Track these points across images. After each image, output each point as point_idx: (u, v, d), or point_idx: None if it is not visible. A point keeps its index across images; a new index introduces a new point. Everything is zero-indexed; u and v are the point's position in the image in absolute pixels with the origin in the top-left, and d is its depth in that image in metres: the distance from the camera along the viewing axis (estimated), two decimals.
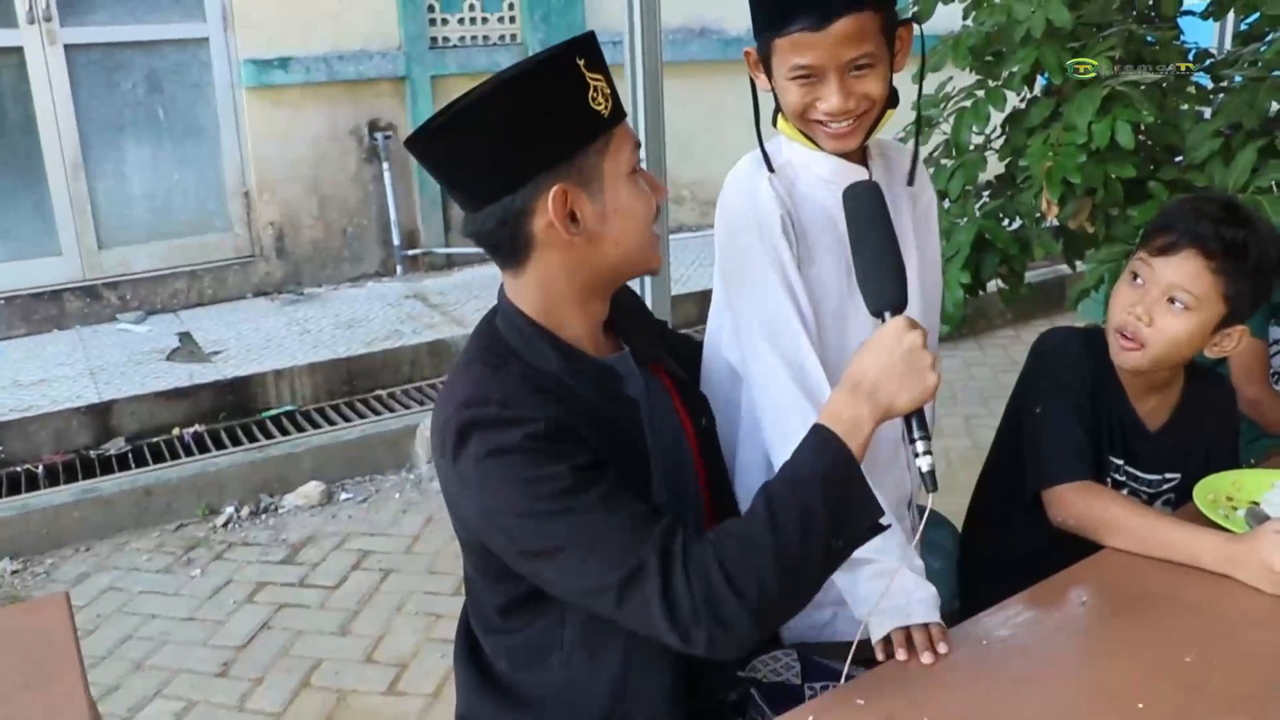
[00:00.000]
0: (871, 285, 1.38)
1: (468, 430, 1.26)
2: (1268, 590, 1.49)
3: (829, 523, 1.23)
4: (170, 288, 5.76)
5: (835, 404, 1.31)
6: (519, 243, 1.32)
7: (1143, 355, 1.73)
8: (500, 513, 1.27)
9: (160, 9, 5.63)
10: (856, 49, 1.49)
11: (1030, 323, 5.87)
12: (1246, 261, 1.66)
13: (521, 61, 1.26)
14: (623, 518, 1.23)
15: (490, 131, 1.25)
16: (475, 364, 1.36)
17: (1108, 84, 2.79)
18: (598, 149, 1.31)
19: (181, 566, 3.72)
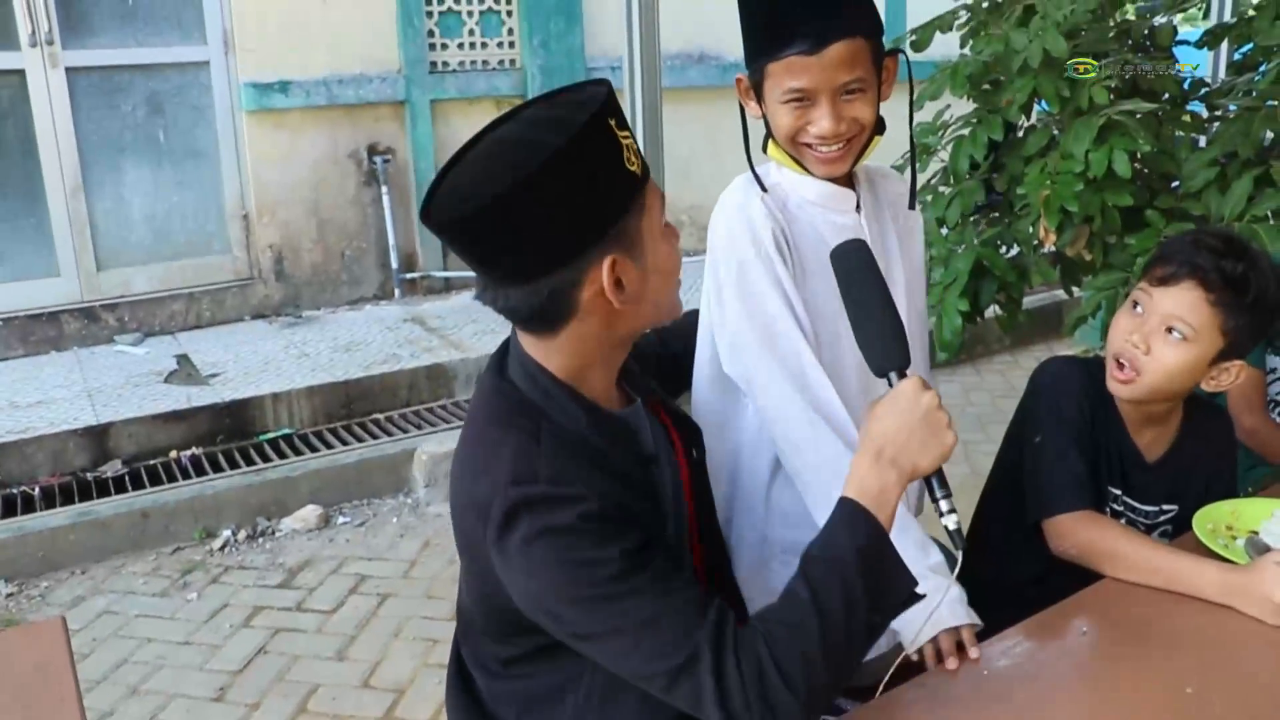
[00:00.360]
0: (872, 347, 1.39)
1: (517, 510, 1.22)
2: (1269, 621, 1.49)
3: (869, 600, 1.24)
4: (168, 309, 5.76)
5: (860, 474, 1.30)
6: (561, 313, 1.28)
7: (1138, 385, 1.74)
8: (548, 597, 1.23)
9: (161, 32, 5.66)
10: (849, 73, 1.54)
11: (1028, 349, 5.89)
12: (1246, 296, 1.67)
13: (552, 134, 1.19)
14: (675, 603, 1.21)
15: (538, 210, 1.19)
16: (511, 433, 1.28)
17: (1104, 113, 2.81)
18: (635, 211, 1.27)
19: (178, 590, 3.70)
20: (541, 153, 1.17)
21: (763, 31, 1.57)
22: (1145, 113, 2.87)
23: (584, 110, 1.20)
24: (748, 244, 1.62)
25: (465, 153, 1.26)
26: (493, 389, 1.37)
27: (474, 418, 1.38)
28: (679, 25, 6.13)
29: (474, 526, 1.27)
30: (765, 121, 1.66)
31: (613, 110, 1.23)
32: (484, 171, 1.21)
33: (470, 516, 1.28)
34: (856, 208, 1.71)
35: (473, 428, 1.36)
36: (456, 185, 1.23)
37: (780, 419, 1.63)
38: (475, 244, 1.25)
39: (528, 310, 1.27)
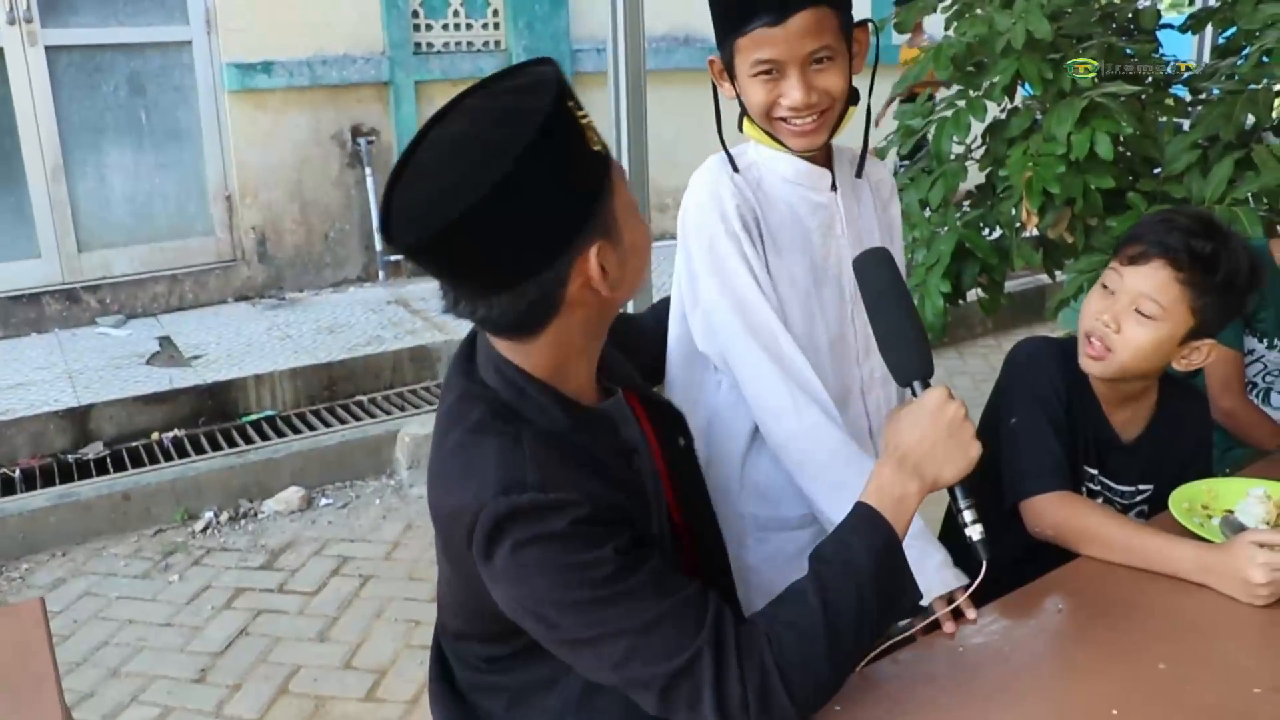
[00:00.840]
0: (896, 356, 1.39)
1: (504, 521, 1.16)
2: (1242, 599, 1.50)
3: (878, 608, 1.23)
4: (150, 291, 5.73)
5: (881, 480, 1.29)
6: (546, 313, 1.21)
7: (1109, 363, 1.74)
8: (541, 604, 1.19)
9: (143, 12, 5.62)
10: (815, 41, 1.54)
11: (1010, 332, 5.90)
12: (1215, 275, 1.67)
13: (514, 128, 1.11)
14: (673, 603, 1.17)
15: (518, 211, 1.11)
16: (491, 438, 1.22)
17: (1087, 95, 2.81)
18: (608, 192, 1.20)
19: (159, 572, 3.69)
20: (511, 148, 1.09)
21: (730, 7, 1.58)
22: (1128, 95, 2.87)
23: (541, 95, 1.13)
24: (716, 220, 1.62)
25: (408, 161, 1.17)
26: (464, 392, 1.29)
27: (447, 424, 1.29)
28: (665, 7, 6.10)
29: (459, 536, 1.21)
30: (740, 100, 1.66)
31: (568, 91, 1.16)
32: (447, 178, 1.13)
33: (454, 526, 1.22)
34: (832, 186, 1.71)
35: (448, 435, 1.28)
36: (416, 200, 1.14)
37: (759, 389, 1.63)
38: (455, 258, 1.16)
39: (510, 317, 1.20)
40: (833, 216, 1.72)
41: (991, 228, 3.20)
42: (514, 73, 1.20)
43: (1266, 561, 1.47)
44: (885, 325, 1.40)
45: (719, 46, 1.63)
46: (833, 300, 1.73)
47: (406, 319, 5.52)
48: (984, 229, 3.17)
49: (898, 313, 1.39)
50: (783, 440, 1.63)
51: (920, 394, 1.35)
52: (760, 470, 1.72)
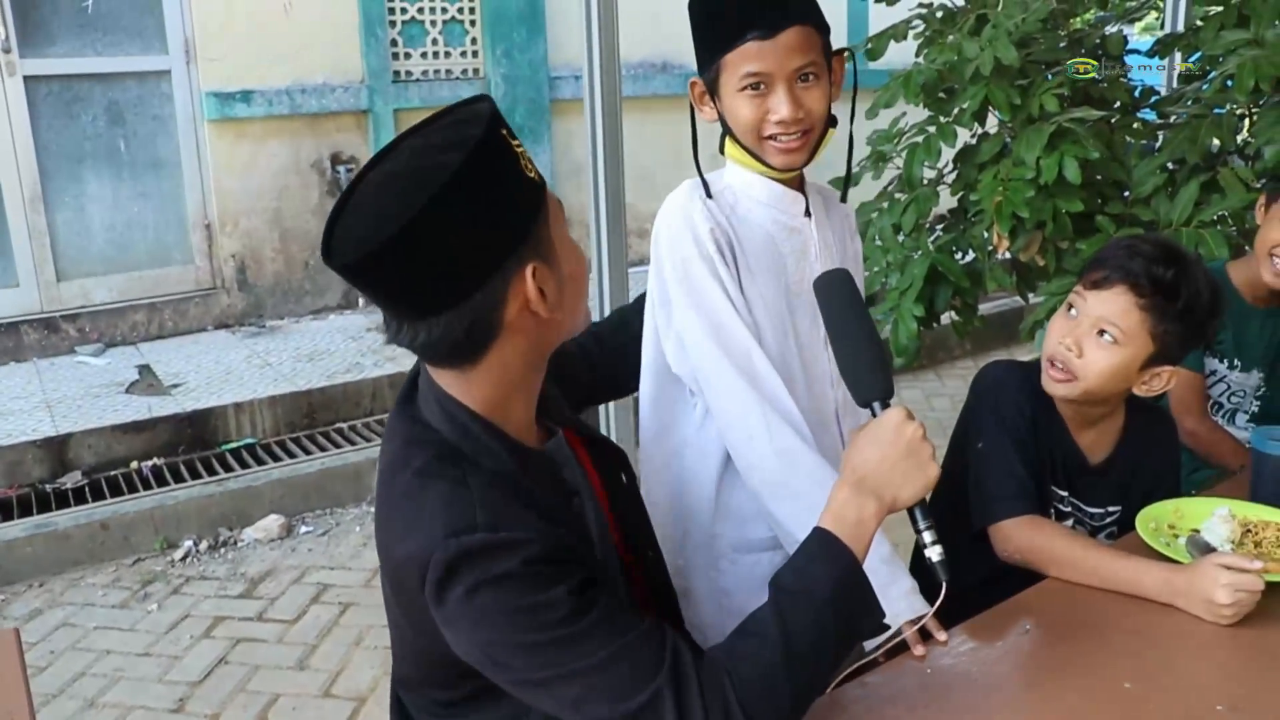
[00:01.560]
0: (856, 377, 1.39)
1: (458, 564, 1.15)
2: (1207, 619, 1.52)
3: (839, 634, 1.23)
4: (130, 320, 5.72)
5: (838, 503, 1.29)
6: (484, 338, 1.22)
7: (1071, 387, 1.77)
8: (496, 645, 1.17)
9: (121, 42, 5.63)
10: (803, 58, 1.58)
11: (988, 353, 5.94)
12: (1176, 302, 1.70)
13: (446, 155, 1.14)
14: (630, 641, 1.17)
15: (450, 231, 1.14)
16: (436, 482, 1.21)
17: (1055, 121, 2.86)
18: (543, 217, 1.23)
19: (138, 601, 3.68)
20: (442, 173, 1.12)
21: (719, 24, 1.61)
22: (1095, 120, 2.92)
23: (473, 126, 1.16)
24: (690, 244, 1.64)
25: (352, 193, 1.20)
26: (407, 435, 1.29)
27: (392, 471, 1.28)
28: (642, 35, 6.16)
29: (411, 583, 1.20)
30: (722, 121, 1.68)
31: (502, 121, 1.19)
32: (382, 205, 1.15)
33: (405, 573, 1.21)
34: (806, 212, 1.73)
35: (394, 481, 1.27)
36: (355, 223, 1.17)
37: (732, 412, 1.64)
38: (388, 279, 1.18)
39: (449, 341, 1.20)
40: (807, 241, 1.74)
41: (964, 251, 3.24)
42: (450, 110, 1.23)
43: (1230, 583, 1.49)
44: (845, 346, 1.41)
45: (702, 68, 1.66)
46: (806, 325, 1.74)
47: (385, 346, 5.52)
48: (956, 252, 3.21)
49: (857, 334, 1.40)
50: (755, 462, 1.63)
51: (879, 414, 1.35)
52: (734, 492, 1.73)
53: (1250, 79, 2.65)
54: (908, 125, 3.28)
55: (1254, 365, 2.48)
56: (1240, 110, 3.05)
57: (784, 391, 1.64)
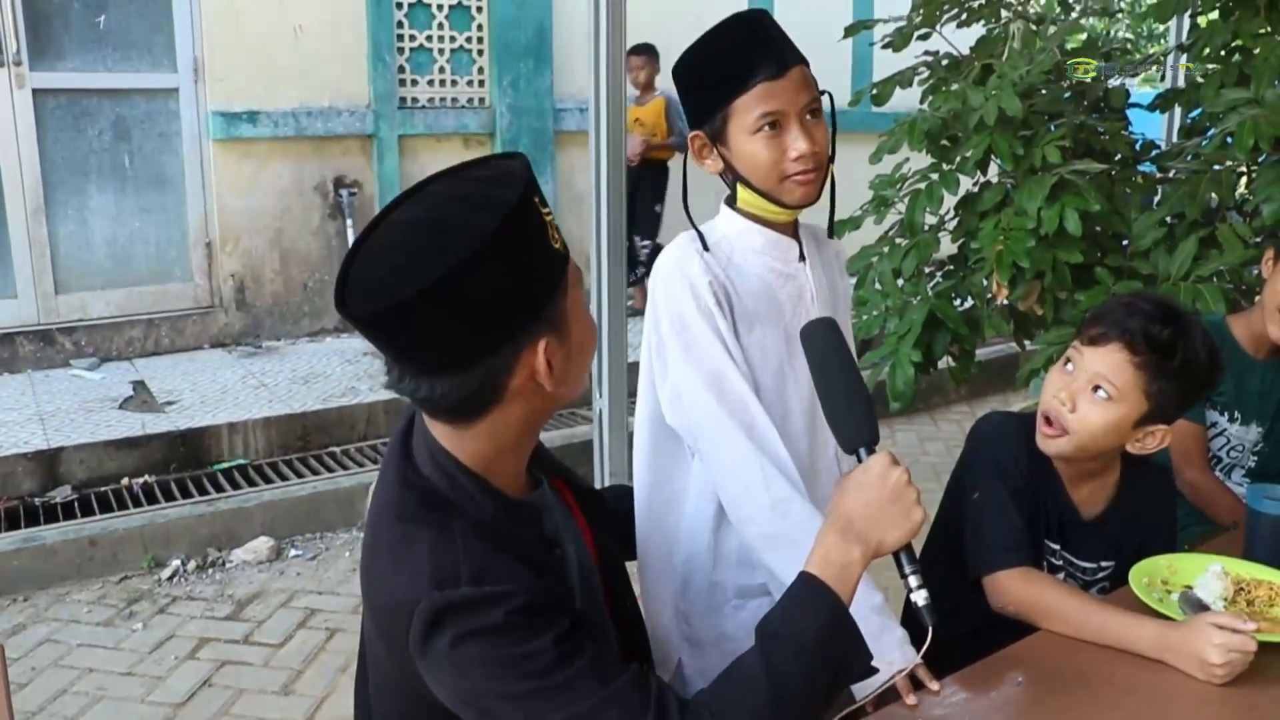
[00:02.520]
0: (842, 424, 1.39)
1: (440, 616, 1.14)
2: (1199, 677, 1.52)
3: (825, 677, 1.23)
4: (126, 335, 5.72)
5: (824, 548, 1.29)
6: (486, 402, 1.21)
7: (1064, 443, 1.77)
8: (481, 694, 1.17)
9: (131, 58, 5.67)
10: (808, 94, 1.63)
11: (984, 399, 5.96)
12: (1171, 361, 1.71)
13: (478, 215, 1.12)
14: (615, 689, 1.16)
15: (471, 296, 1.12)
16: (421, 530, 1.21)
17: (1057, 172, 2.88)
18: (561, 290, 1.21)
19: (123, 620, 3.66)
20: (473, 235, 1.10)
21: (725, 72, 1.63)
22: (1096, 173, 2.94)
23: (508, 188, 1.14)
24: (688, 298, 1.65)
25: (368, 237, 1.18)
26: (397, 478, 1.28)
27: (380, 512, 1.29)
28: None
29: (397, 630, 1.19)
30: (731, 170, 1.69)
31: (535, 187, 1.17)
32: (402, 257, 1.13)
33: (392, 620, 1.21)
34: (801, 256, 1.75)
35: (382, 525, 1.27)
36: (374, 274, 1.15)
37: (728, 463, 1.64)
38: (400, 335, 1.16)
39: (452, 401, 1.20)
40: (803, 286, 1.76)
41: (963, 298, 3.25)
42: (484, 163, 1.22)
43: (1223, 643, 1.49)
44: (831, 393, 1.41)
45: (705, 120, 1.67)
46: (805, 370, 1.75)
47: (382, 371, 5.49)
48: (956, 299, 3.22)
49: (843, 381, 1.41)
50: (750, 514, 1.63)
51: (865, 460, 1.35)
52: (732, 539, 1.73)
53: (1250, 138, 2.68)
54: (911, 171, 3.31)
55: (1253, 419, 2.48)
56: (1239, 167, 3.07)
57: (779, 443, 1.64)
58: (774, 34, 1.64)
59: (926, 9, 3.55)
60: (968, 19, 3.59)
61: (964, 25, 3.61)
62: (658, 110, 6.47)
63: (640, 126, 6.42)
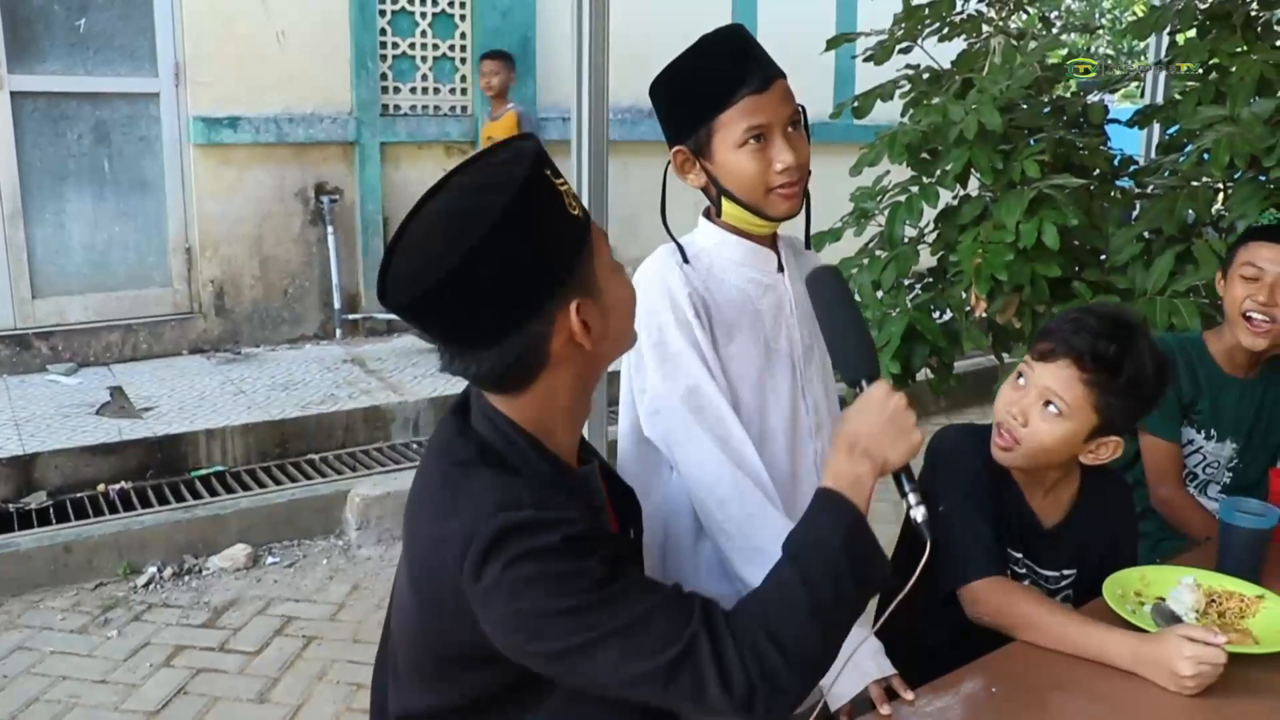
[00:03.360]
0: (846, 358, 1.48)
1: (502, 536, 1.20)
2: (1170, 689, 1.54)
3: (853, 576, 1.29)
4: (104, 340, 5.69)
5: (837, 465, 1.37)
6: (532, 368, 1.29)
7: (1015, 454, 1.80)
8: (533, 615, 1.21)
9: (112, 61, 5.65)
10: (790, 106, 1.66)
11: (964, 410, 5.99)
12: (1119, 377, 1.73)
13: (492, 196, 1.20)
14: (659, 599, 1.23)
15: (497, 271, 1.20)
16: (480, 469, 1.28)
17: (1035, 186, 2.90)
18: (586, 253, 1.29)
19: (97, 627, 3.63)
20: (489, 214, 1.18)
21: (709, 88, 1.65)
22: (1075, 187, 2.97)
23: (519, 165, 1.22)
24: (666, 309, 1.67)
25: (404, 234, 1.26)
26: (455, 432, 1.36)
27: (434, 460, 1.36)
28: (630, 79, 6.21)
29: (446, 563, 1.24)
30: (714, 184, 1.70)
31: (547, 160, 1.25)
32: (432, 246, 1.22)
33: (440, 554, 1.25)
34: (779, 268, 1.77)
35: (435, 470, 1.34)
36: (407, 266, 1.23)
37: (703, 476, 1.66)
38: (440, 318, 1.25)
39: (500, 372, 1.27)
40: (782, 297, 1.78)
41: (942, 310, 3.27)
42: (498, 148, 1.29)
43: (1193, 655, 1.51)
44: (834, 332, 1.48)
45: (682, 136, 1.69)
46: (785, 379, 1.77)
47: (362, 378, 5.51)
48: (934, 311, 3.24)
49: (846, 321, 1.48)
50: (725, 527, 1.65)
51: (867, 389, 1.43)
52: (713, 548, 1.73)
53: (1226, 155, 2.71)
54: (891, 184, 3.33)
55: (1228, 436, 2.50)
56: (1216, 184, 3.11)
57: (755, 456, 1.66)
58: (755, 48, 1.66)
59: (908, 23, 3.58)
60: (949, 34, 3.62)
61: (945, 40, 3.64)
62: (510, 126, 5.82)
63: None
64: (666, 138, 1.73)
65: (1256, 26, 3.20)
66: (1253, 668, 1.58)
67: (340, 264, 6.16)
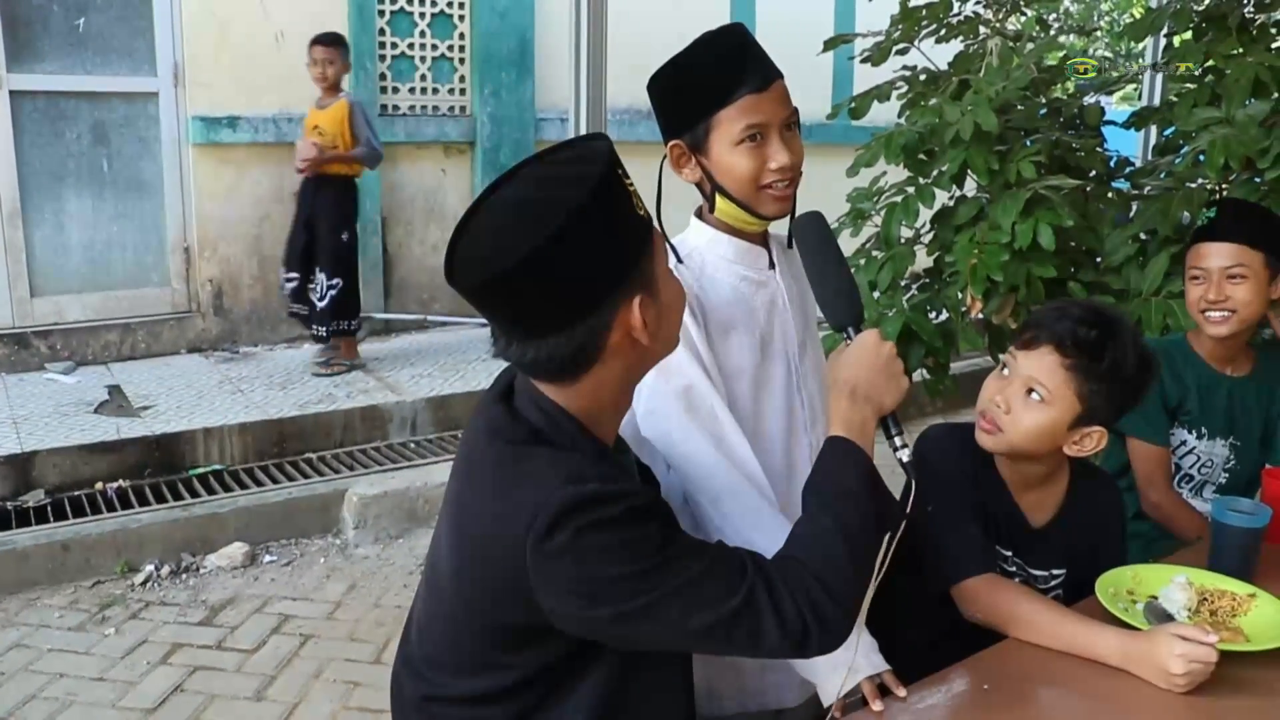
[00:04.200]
0: (833, 304, 1.56)
1: (572, 508, 1.24)
2: (1162, 687, 1.54)
3: (876, 521, 1.40)
4: (103, 339, 5.70)
5: (842, 413, 1.46)
6: (587, 359, 1.32)
7: (999, 439, 1.81)
8: (599, 581, 1.26)
9: (111, 62, 5.65)
10: (788, 107, 1.68)
11: (959, 412, 5.98)
12: (1100, 363, 1.74)
13: (569, 189, 1.25)
14: (714, 555, 1.31)
15: (570, 261, 1.24)
16: (534, 448, 1.32)
17: (1031, 187, 2.91)
18: (649, 252, 1.33)
19: (95, 625, 3.64)
20: (566, 204, 1.23)
21: (708, 84, 1.66)
22: (1070, 188, 2.97)
23: (594, 163, 1.27)
24: None
25: (473, 216, 1.30)
26: (503, 415, 1.39)
27: (484, 441, 1.39)
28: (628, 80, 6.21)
29: (507, 538, 1.27)
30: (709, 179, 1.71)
31: (618, 161, 1.30)
32: (506, 231, 1.25)
33: (502, 528, 1.29)
34: (771, 264, 1.78)
35: (489, 449, 1.37)
36: (478, 251, 1.27)
37: (698, 473, 1.67)
38: (507, 302, 1.28)
39: (556, 360, 1.31)
40: (775, 293, 1.79)
41: (938, 311, 3.28)
42: (570, 145, 1.35)
43: (1184, 654, 1.52)
44: (823, 280, 1.56)
45: (680, 131, 1.70)
46: (780, 373, 1.79)
47: (360, 378, 5.52)
48: (930, 312, 3.25)
49: (834, 270, 1.55)
50: (719, 524, 1.66)
51: (855, 336, 1.52)
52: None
53: (1221, 157, 2.72)
54: (887, 185, 3.34)
55: (1218, 434, 2.51)
56: (1211, 185, 3.12)
57: (749, 454, 1.68)
58: (756, 48, 1.68)
59: (906, 24, 3.59)
60: (946, 35, 3.62)
61: (942, 41, 3.65)
62: (340, 117, 5.42)
63: (320, 135, 5.41)
64: (662, 132, 1.73)
65: (1252, 29, 3.20)
66: (1244, 666, 1.59)
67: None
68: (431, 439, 5.15)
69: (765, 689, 1.82)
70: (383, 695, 1.60)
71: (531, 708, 1.38)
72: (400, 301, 6.53)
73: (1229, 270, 2.38)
